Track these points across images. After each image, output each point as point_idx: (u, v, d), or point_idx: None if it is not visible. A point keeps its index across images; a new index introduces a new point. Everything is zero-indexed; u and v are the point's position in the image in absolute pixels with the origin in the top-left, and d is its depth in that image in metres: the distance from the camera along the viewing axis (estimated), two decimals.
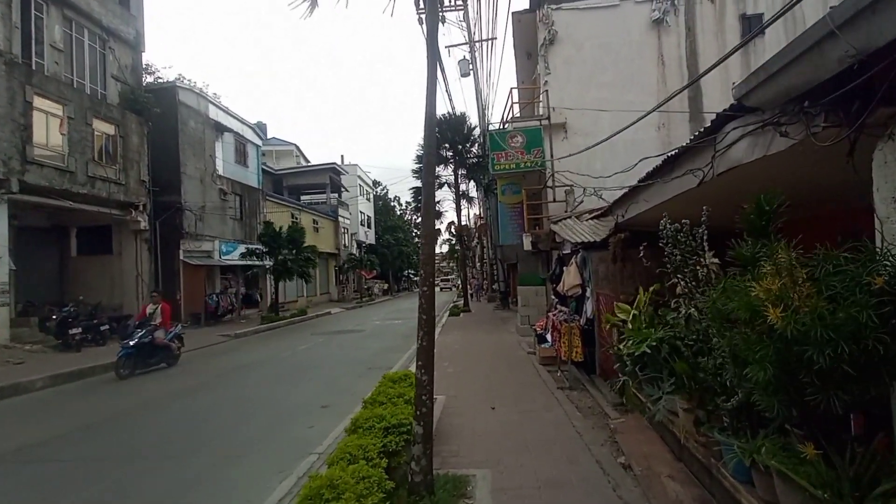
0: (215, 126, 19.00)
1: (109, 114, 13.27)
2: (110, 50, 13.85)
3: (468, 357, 8.75)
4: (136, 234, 14.45)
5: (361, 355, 9.97)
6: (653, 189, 4.18)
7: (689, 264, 2.67)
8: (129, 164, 13.94)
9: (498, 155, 11.50)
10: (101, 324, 11.44)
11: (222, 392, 7.01)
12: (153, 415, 5.87)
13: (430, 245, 3.40)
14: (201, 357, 10.58)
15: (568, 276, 6.65)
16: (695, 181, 2.98)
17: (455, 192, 21.20)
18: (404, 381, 4.80)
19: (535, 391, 5.97)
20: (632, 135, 12.48)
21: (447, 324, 15.38)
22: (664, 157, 3.46)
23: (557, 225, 7.53)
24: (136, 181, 14.25)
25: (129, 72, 14.70)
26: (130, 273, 14.41)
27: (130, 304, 14.11)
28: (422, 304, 3.25)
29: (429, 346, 3.32)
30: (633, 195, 4.89)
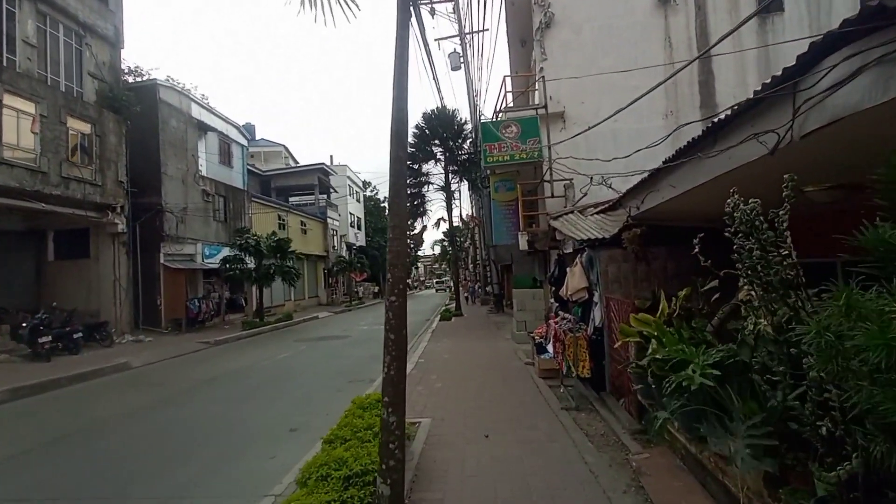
0: (198, 125, 18.31)
1: (85, 112, 12.65)
2: (87, 46, 13.22)
3: (459, 368, 7.90)
4: (113, 238, 13.81)
5: (344, 365, 9.09)
6: (683, 171, 3.36)
7: (770, 262, 1.85)
8: (105, 164, 13.28)
9: (491, 146, 10.67)
10: (74, 331, 10.73)
11: (182, 410, 6.24)
12: (93, 441, 5.09)
13: (400, 239, 2.55)
14: (173, 367, 9.80)
15: (572, 279, 5.83)
16: (760, 150, 2.16)
17: (446, 190, 20.35)
18: (376, 406, 3.95)
19: (535, 412, 5.13)
20: (636, 124, 11.72)
21: (437, 329, 14.53)
22: (709, 124, 2.64)
23: (558, 221, 6.72)
24: (114, 182, 13.57)
25: (107, 69, 14.07)
26: (108, 278, 13.72)
27: (107, 309, 13.55)
28: (389, 318, 2.42)
29: (398, 376, 2.47)
30: (653, 182, 4.08)
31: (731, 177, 2.80)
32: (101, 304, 13.44)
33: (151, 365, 9.98)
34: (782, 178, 2.43)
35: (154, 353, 11.22)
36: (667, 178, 3.71)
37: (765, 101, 2.06)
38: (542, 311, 10.89)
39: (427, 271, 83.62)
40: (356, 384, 7.25)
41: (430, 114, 19.56)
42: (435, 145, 19.97)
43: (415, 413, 5.23)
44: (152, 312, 15.39)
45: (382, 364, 2.53)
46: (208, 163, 18.86)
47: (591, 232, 5.65)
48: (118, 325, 13.33)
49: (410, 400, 5.82)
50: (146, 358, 10.49)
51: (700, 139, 2.84)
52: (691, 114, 11.30)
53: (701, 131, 2.98)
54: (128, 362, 9.65)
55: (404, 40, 2.88)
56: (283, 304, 24.79)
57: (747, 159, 2.31)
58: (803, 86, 1.87)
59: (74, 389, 7.80)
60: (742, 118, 2.32)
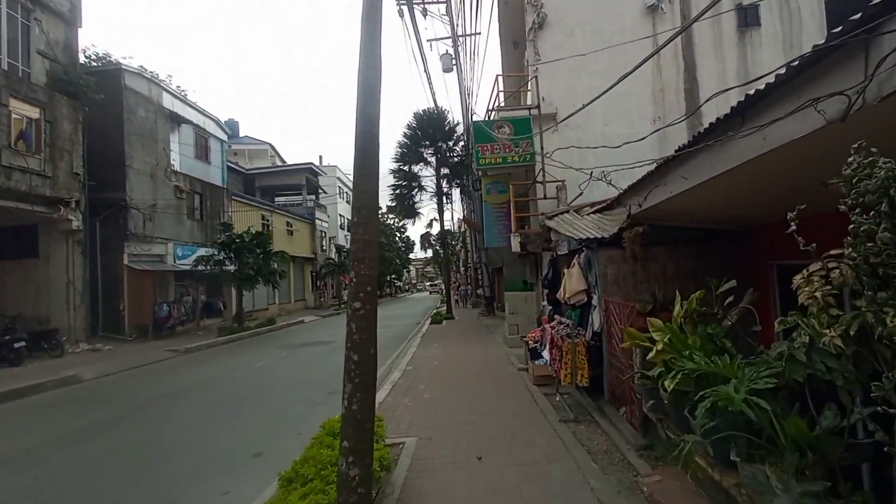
0: (170, 116, 17.20)
1: (32, 94, 11.29)
2: (36, 21, 11.89)
3: (449, 376, 7.49)
4: (66, 235, 12.44)
5: (324, 374, 8.56)
6: (699, 159, 3.04)
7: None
8: (57, 153, 11.92)
9: (483, 148, 10.36)
10: (14, 340, 9.72)
11: (130, 433, 5.44)
12: (17, 473, 4.32)
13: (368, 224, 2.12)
14: (131, 379, 8.90)
15: (570, 281, 5.49)
16: (812, 123, 1.82)
17: (437, 192, 19.99)
18: None
19: (531, 426, 4.75)
20: (627, 129, 11.85)
21: (428, 333, 14.09)
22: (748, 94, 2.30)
23: (553, 221, 6.40)
24: (68, 174, 12.21)
25: (61, 49, 12.66)
26: (60, 280, 12.38)
27: (59, 315, 12.21)
28: (352, 332, 1.96)
29: (364, 412, 2.00)
30: (660, 175, 3.76)
31: (760, 164, 2.48)
32: (51, 309, 12.17)
33: (106, 377, 8.95)
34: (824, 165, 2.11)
35: (111, 363, 10.21)
36: (678, 168, 3.38)
37: (829, 57, 1.72)
38: (535, 315, 10.57)
39: (419, 274, 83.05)
40: (336, 396, 6.68)
41: (421, 114, 19.23)
42: (426, 146, 19.62)
43: (399, 431, 4.79)
44: (114, 318, 14.12)
45: (342, 395, 2.05)
46: (182, 157, 17.78)
47: (589, 231, 5.32)
48: (71, 333, 12.08)
49: (395, 414, 5.42)
50: (101, 369, 9.46)
51: (726, 119, 2.51)
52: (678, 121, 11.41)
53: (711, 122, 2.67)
54: (77, 375, 8.69)
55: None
56: (267, 308, 24.01)
57: (792, 136, 1.97)
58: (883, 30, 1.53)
59: (4, 408, 6.82)
60: (790, 85, 1.97)
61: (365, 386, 2.01)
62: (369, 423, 2.11)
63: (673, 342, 2.87)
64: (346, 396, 1.95)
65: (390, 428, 4.84)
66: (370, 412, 2.14)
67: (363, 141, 2.33)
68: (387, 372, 8.24)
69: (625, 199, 4.94)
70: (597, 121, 11.38)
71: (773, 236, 4.68)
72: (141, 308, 14.82)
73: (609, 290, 5.09)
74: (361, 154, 2.32)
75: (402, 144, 19.48)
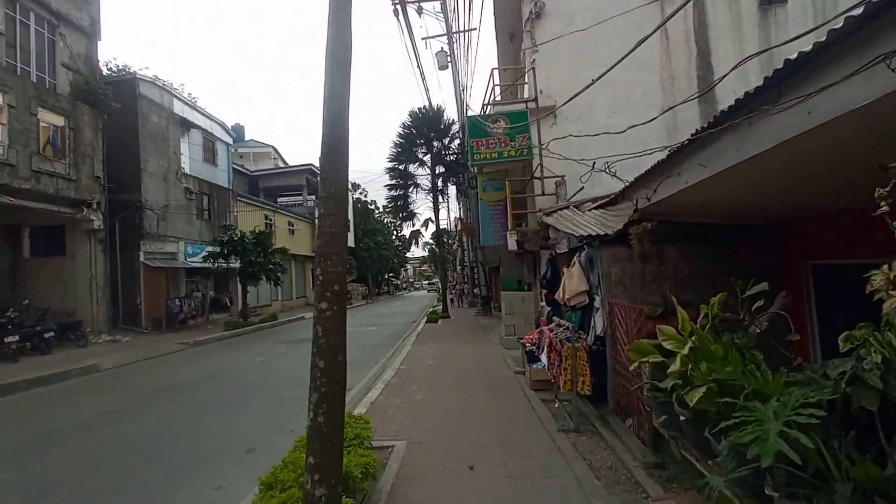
0: (181, 122, 17.75)
1: (58, 104, 12.07)
2: (60, 36, 12.60)
3: (443, 377, 7.14)
4: (89, 234, 13.20)
5: None
6: (721, 143, 2.68)
7: None
8: (80, 158, 12.70)
9: (478, 143, 9.96)
10: (44, 330, 10.30)
11: (137, 423, 5.60)
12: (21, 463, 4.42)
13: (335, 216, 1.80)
14: (145, 369, 9.25)
15: (570, 281, 5.13)
16: (886, 83, 1.46)
17: (432, 191, 19.60)
18: None
19: (528, 435, 4.40)
20: (632, 121, 11.21)
21: (423, 332, 13.74)
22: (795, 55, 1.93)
23: (552, 217, 6.03)
24: (89, 177, 12.99)
25: (83, 61, 13.42)
26: (84, 276, 13.11)
27: (84, 308, 12.96)
28: (318, 336, 1.66)
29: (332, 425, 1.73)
30: (674, 164, 3.40)
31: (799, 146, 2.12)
32: (77, 302, 12.88)
33: (123, 367, 9.34)
34: (879, 145, 1.75)
35: (129, 354, 10.71)
36: (695, 155, 3.02)
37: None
38: (532, 315, 10.23)
39: (416, 272, 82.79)
40: None
41: (417, 112, 18.83)
42: (421, 145, 19.23)
43: (389, 433, 4.49)
44: (132, 311, 14.95)
45: (308, 406, 1.73)
46: (192, 160, 18.30)
47: (590, 228, 4.96)
48: (95, 325, 12.81)
49: (386, 415, 5.08)
50: (119, 359, 9.93)
51: (758, 92, 2.15)
52: (689, 108, 10.83)
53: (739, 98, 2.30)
54: (97, 364, 9.17)
55: None
56: (270, 305, 24.12)
57: (848, 106, 1.61)
58: None
59: (31, 394, 7.29)
60: (848, 42, 1.60)
61: (332, 396, 1.70)
62: (337, 438, 1.80)
63: (697, 352, 2.51)
64: (312, 407, 1.66)
65: (380, 430, 4.59)
66: (338, 425, 1.82)
67: (331, 125, 2.00)
68: (380, 370, 7.91)
69: (631, 192, 4.58)
70: (600, 112, 10.89)
71: (809, 232, 4.18)
72: (156, 302, 15.60)
73: (613, 292, 4.73)
74: (330, 139, 2.00)
75: (397, 143, 19.09)
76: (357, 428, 3.65)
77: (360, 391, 6.48)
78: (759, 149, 2.31)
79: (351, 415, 4.02)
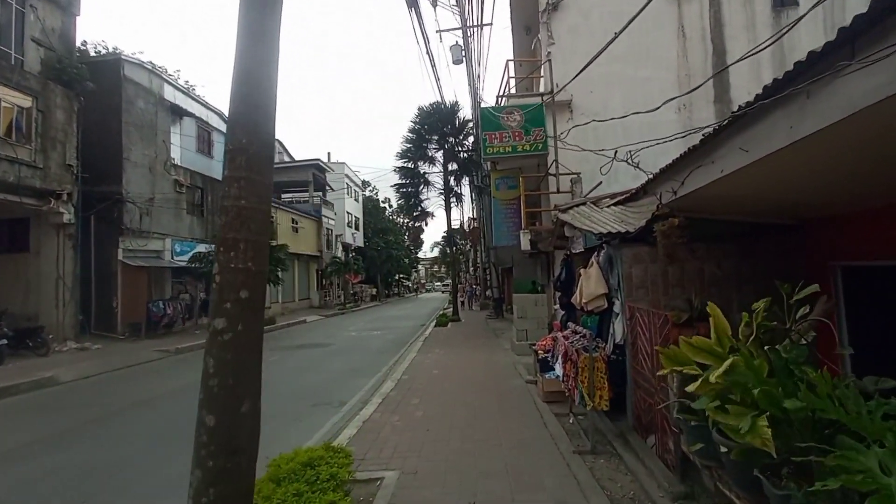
0: (171, 109, 16.77)
1: (24, 82, 10.98)
2: (31, 8, 11.57)
3: (448, 388, 6.73)
4: (57, 229, 12.08)
5: (315, 382, 7.91)
6: (770, 121, 2.24)
7: None
8: (49, 144, 11.61)
9: (491, 136, 9.56)
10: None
11: (81, 450, 4.74)
12: None
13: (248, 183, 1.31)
14: (110, 383, 8.34)
15: (587, 283, 4.69)
16: None
17: (445, 189, 19.24)
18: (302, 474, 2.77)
19: (540, 459, 3.96)
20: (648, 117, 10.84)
21: (431, 336, 13.36)
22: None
23: (568, 214, 5.60)
24: (60, 165, 11.87)
25: (57, 36, 12.38)
26: (49, 275, 11.99)
27: (48, 312, 11.84)
28: (208, 373, 1.21)
29: None
30: (706, 151, 2.96)
31: (872, 120, 1.69)
32: (40, 305, 11.76)
33: (85, 380, 8.42)
34: None
35: (96, 363, 9.71)
36: (734, 138, 2.58)
37: None
38: (546, 319, 9.77)
39: (428, 273, 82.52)
40: (321, 409, 6.09)
41: (427, 108, 18.50)
42: (433, 141, 18.87)
43: (381, 460, 4.03)
44: (107, 316, 13.73)
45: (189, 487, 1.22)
46: (184, 150, 17.38)
47: (610, 225, 4.52)
48: (60, 330, 11.68)
49: (379, 437, 4.62)
50: (82, 370, 8.96)
51: (824, 53, 1.72)
52: (705, 108, 10.55)
53: (797, 62, 1.86)
54: (54, 376, 8.23)
55: None
56: (270, 307, 23.58)
57: None
58: None
59: None
60: None
61: (227, 473, 1.13)
62: None
63: (738, 370, 2.07)
64: (192, 494, 1.11)
65: (371, 456, 4.15)
66: None
67: (250, 38, 1.46)
68: (380, 381, 7.54)
69: (655, 185, 4.12)
70: (616, 109, 10.47)
71: (836, 232, 3.85)
72: (135, 305, 14.32)
73: (634, 295, 4.28)
74: (246, 61, 1.46)
75: (407, 139, 18.78)
76: (334, 465, 3.20)
77: (356, 406, 6.09)
78: (821, 124, 1.87)
79: (330, 447, 3.60)
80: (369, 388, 7.09)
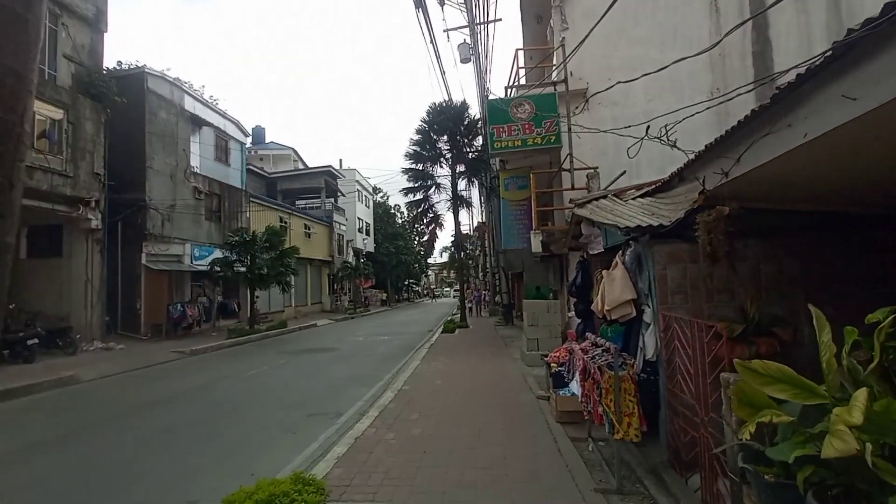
0: (191, 119, 17.29)
1: (56, 96, 11.55)
2: (63, 27, 12.15)
3: (451, 402, 6.04)
4: (87, 234, 12.59)
5: (314, 389, 7.34)
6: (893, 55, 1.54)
7: None
8: (79, 154, 12.16)
9: (499, 130, 8.88)
10: (28, 337, 9.65)
11: (80, 454, 4.62)
12: None
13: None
14: (126, 382, 8.44)
15: (611, 287, 3.97)
16: None
17: (452, 191, 18.61)
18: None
19: (555, 499, 3.26)
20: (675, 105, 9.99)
21: (437, 343, 12.68)
22: None
23: (586, 208, 4.89)
24: (88, 174, 12.41)
25: (86, 52, 12.97)
26: (79, 278, 12.50)
27: (78, 313, 12.31)
28: None
29: None
30: (779, 113, 2.25)
31: None
32: (71, 306, 12.16)
33: (103, 379, 8.51)
34: None
35: (117, 363, 9.95)
36: (832, 84, 1.87)
37: None
38: (558, 327, 9.00)
39: (438, 279, 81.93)
40: (317, 420, 5.51)
41: (436, 107, 17.95)
42: (442, 142, 18.28)
43: (366, 489, 3.41)
44: (131, 317, 14.27)
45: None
46: (202, 159, 17.80)
47: (638, 218, 3.80)
48: (88, 331, 12.09)
49: (369, 460, 3.93)
50: (103, 370, 9.16)
51: None
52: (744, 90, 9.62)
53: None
54: (76, 375, 8.38)
55: None
56: (283, 311, 23.47)
57: None
58: None
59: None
60: None
61: None
62: None
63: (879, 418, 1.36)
64: None
65: (357, 482, 3.54)
66: None
67: None
68: (381, 390, 6.91)
69: (696, 168, 3.41)
70: (638, 96, 9.68)
71: None
72: (157, 307, 14.79)
73: (670, 302, 3.55)
74: None
75: (414, 141, 18.25)
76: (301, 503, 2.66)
77: (351, 419, 5.46)
78: None
79: (300, 478, 3.08)
80: (368, 399, 6.48)
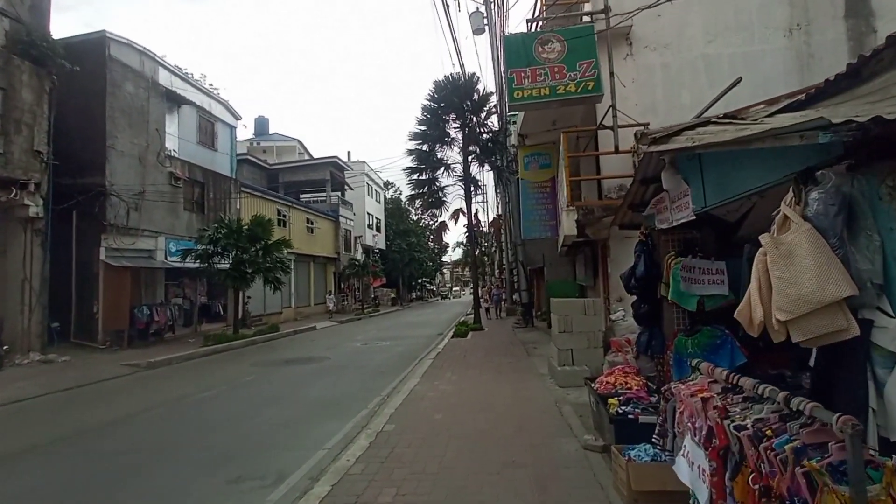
0: (167, 95, 15.34)
1: None
2: None
3: (448, 459, 3.97)
4: (24, 224, 10.78)
5: (268, 425, 5.35)
6: None
7: None
8: (13, 126, 10.38)
9: (519, 75, 6.72)
10: None
11: None
12: None
13: None
14: (37, 409, 6.75)
15: (784, 271, 1.82)
16: None
17: (464, 175, 16.60)
18: None
19: None
20: (742, 47, 8.06)
21: (445, 350, 10.68)
22: None
23: (683, 136, 2.77)
24: (26, 151, 10.62)
25: (27, 8, 11.10)
26: (15, 277, 10.66)
27: (13, 318, 10.45)
28: None
29: None
30: None
31: None
32: (6, 311, 10.40)
33: (15, 404, 6.84)
34: None
35: (45, 381, 8.26)
36: None
37: None
38: (599, 333, 6.89)
39: (452, 277, 79.98)
40: (236, 494, 3.53)
41: (443, 81, 15.98)
42: (451, 120, 16.30)
43: None
44: (87, 322, 12.34)
45: None
46: (182, 141, 15.92)
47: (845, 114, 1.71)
48: (23, 340, 10.36)
49: None
50: (22, 391, 7.52)
51: None
52: (830, 26, 7.59)
53: None
54: None
55: None
56: (280, 312, 21.73)
57: None
58: None
59: None
60: None
61: None
62: None
63: None
64: None
65: None
66: None
67: None
68: (355, 432, 4.85)
69: None
70: (695, 37, 7.64)
71: None
72: (120, 311, 12.69)
73: None
74: None
75: (421, 120, 16.30)
76: None
77: (292, 493, 3.50)
78: None
79: None
80: (338, 442, 4.55)
